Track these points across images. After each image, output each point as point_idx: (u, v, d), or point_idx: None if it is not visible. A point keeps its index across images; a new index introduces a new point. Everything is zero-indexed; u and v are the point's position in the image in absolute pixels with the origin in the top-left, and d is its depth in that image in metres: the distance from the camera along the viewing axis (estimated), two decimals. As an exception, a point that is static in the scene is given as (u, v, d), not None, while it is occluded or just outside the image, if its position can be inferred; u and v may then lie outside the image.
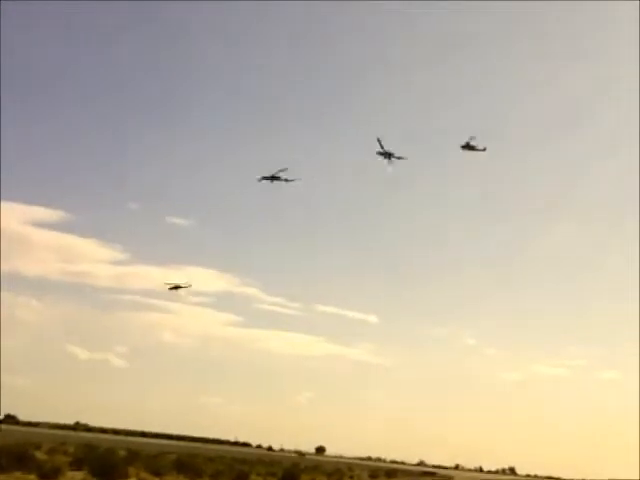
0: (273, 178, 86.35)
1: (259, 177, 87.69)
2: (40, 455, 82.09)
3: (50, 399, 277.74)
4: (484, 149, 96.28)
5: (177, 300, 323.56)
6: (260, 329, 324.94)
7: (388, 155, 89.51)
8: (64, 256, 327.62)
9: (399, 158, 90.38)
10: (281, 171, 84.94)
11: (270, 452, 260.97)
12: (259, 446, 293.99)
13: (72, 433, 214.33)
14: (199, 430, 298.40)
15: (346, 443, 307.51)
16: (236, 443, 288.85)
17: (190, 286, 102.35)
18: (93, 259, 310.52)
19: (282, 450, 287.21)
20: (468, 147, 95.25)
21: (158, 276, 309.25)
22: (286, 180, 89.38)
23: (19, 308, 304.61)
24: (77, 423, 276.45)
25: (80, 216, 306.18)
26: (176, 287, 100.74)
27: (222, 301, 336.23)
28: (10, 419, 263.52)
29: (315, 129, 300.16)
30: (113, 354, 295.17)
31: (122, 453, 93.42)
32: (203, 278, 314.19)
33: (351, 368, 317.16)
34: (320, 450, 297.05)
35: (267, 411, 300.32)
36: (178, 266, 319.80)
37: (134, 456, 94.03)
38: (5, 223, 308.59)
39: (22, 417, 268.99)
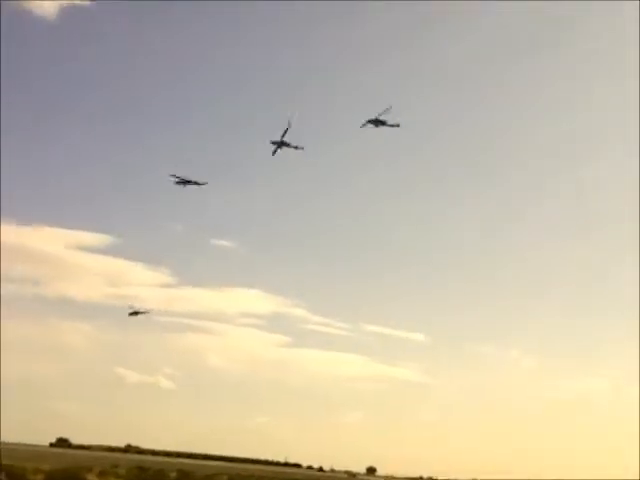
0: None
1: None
2: (92, 478, 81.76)
3: (101, 422, 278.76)
4: (398, 125, 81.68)
5: (225, 322, 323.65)
6: (308, 349, 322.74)
7: (281, 144, 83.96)
8: (112, 280, 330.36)
9: (296, 148, 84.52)
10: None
11: (321, 473, 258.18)
12: (310, 467, 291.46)
13: (124, 455, 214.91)
14: (249, 451, 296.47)
15: (397, 463, 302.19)
16: (287, 464, 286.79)
17: (149, 312, 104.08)
18: (141, 282, 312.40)
19: (333, 471, 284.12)
20: (378, 122, 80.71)
21: (206, 298, 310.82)
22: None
23: (67, 333, 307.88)
24: (128, 445, 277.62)
25: (127, 240, 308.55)
26: (136, 313, 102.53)
27: (270, 322, 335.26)
28: (62, 442, 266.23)
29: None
30: (162, 376, 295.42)
31: (173, 475, 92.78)
32: (250, 299, 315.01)
33: (400, 387, 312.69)
34: (371, 470, 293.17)
35: (316, 431, 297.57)
36: (225, 288, 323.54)
37: (185, 478, 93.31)
38: (52, 248, 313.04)
39: (74, 440, 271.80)
